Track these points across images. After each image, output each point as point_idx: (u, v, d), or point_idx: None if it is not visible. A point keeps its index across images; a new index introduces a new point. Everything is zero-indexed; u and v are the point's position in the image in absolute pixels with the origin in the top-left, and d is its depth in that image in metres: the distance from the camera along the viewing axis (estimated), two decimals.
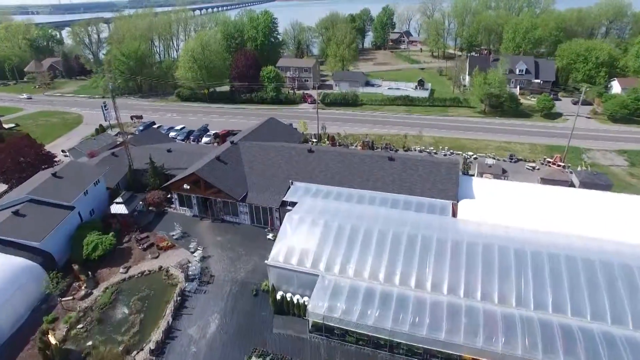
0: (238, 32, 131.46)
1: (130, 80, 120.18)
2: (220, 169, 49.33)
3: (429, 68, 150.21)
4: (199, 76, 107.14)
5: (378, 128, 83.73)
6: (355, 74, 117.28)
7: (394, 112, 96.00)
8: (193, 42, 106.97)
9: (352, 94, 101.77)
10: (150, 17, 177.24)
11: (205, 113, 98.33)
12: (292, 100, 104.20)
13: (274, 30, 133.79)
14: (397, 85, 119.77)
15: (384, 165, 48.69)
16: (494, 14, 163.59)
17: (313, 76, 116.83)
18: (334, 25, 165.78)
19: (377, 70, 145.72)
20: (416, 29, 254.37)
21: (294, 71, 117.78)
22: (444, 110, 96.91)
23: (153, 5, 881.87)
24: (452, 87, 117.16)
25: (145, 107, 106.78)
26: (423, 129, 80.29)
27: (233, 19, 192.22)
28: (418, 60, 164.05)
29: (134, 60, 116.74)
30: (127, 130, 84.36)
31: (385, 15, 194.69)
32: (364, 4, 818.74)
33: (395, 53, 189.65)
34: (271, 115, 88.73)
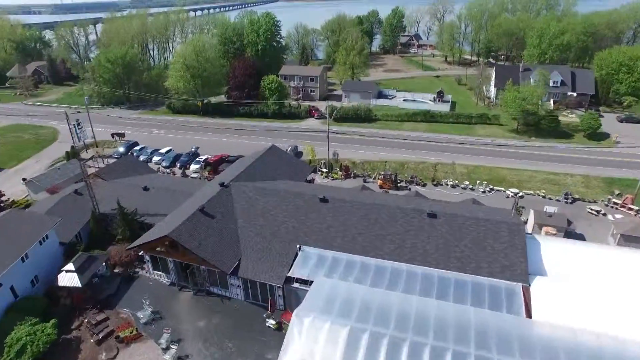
0: (237, 36, 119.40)
1: (116, 89, 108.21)
2: (205, 226, 37.19)
3: (445, 76, 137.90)
4: (191, 86, 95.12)
5: (398, 152, 71.41)
6: (367, 84, 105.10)
7: (413, 130, 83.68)
8: (185, 47, 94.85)
9: (365, 109, 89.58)
10: (143, 18, 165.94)
11: (198, 130, 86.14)
12: (297, 114, 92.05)
13: (277, 33, 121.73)
14: (413, 97, 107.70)
15: (422, 223, 36.50)
16: (514, 17, 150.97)
17: (320, 86, 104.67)
18: (341, 28, 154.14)
19: (389, 78, 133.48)
20: (425, 31, 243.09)
21: (299, 80, 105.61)
22: (471, 128, 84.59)
23: (155, 6, 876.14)
24: (476, 99, 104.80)
25: (132, 121, 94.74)
26: (454, 159, 68.01)
27: (232, 20, 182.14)
28: (432, 66, 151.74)
29: (121, 66, 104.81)
30: (105, 152, 72.45)
31: (395, 18, 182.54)
32: (368, 5, 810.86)
33: (406, 58, 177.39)
34: (273, 132, 76.94)
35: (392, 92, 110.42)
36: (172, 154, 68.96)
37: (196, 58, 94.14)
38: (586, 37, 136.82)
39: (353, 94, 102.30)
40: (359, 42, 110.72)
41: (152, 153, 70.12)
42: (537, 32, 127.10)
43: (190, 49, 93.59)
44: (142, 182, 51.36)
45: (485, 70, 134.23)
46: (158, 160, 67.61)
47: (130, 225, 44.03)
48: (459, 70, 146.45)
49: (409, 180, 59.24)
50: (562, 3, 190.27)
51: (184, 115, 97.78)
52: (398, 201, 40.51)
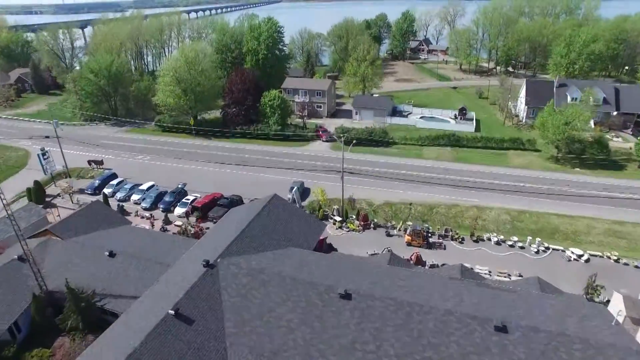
0: (236, 44, 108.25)
1: (101, 103, 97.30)
2: (180, 341, 26.10)
3: (463, 87, 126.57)
4: (182, 102, 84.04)
5: (422, 189, 60.14)
6: (381, 99, 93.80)
7: (437, 158, 72.38)
8: (176, 58, 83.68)
9: (380, 131, 78.39)
10: (139, 19, 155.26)
11: (188, 157, 74.87)
12: (302, 135, 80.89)
13: (279, 40, 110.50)
14: (432, 113, 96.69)
15: (488, 342, 25.30)
16: (535, 23, 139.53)
17: (328, 101, 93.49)
18: (348, 34, 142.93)
19: (402, 89, 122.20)
20: (434, 35, 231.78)
21: (304, 95, 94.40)
22: (503, 156, 73.35)
23: (157, 6, 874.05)
24: (502, 117, 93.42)
25: (115, 141, 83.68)
26: (490, 199, 56.80)
27: (232, 25, 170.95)
28: (447, 76, 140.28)
29: (106, 78, 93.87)
30: (77, 186, 61.41)
31: (405, 22, 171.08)
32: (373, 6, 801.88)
33: (417, 66, 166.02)
34: (274, 160, 65.77)
35: (408, 107, 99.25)
36: (155, 191, 57.85)
37: (188, 70, 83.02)
38: (617, 45, 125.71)
39: (365, 110, 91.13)
40: (371, 52, 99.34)
41: (131, 189, 59.07)
42: (564, 40, 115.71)
43: (181, 60, 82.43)
44: (110, 241, 40.54)
45: (507, 80, 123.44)
46: (138, 199, 56.53)
47: (85, 312, 33.07)
48: (476, 80, 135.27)
49: (442, 233, 47.99)
50: (582, 7, 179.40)
51: (174, 135, 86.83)
52: (445, 292, 29.30)
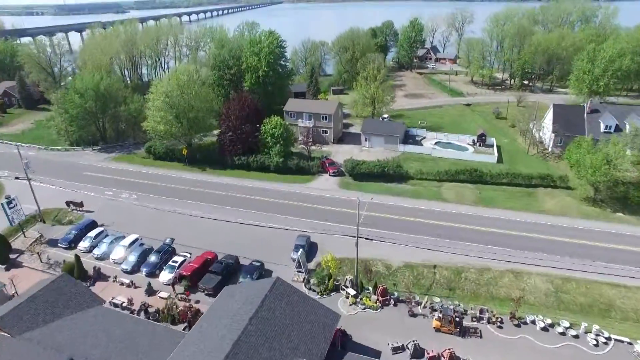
0: (234, 60, 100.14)
1: (88, 126, 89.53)
2: None
3: (477, 104, 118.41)
4: (174, 130, 76.09)
5: (446, 244, 52.09)
6: (393, 125, 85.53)
7: (458, 200, 64.16)
8: (166, 81, 75.52)
9: (394, 165, 70.29)
10: (132, 29, 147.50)
11: (180, 195, 66.82)
12: (307, 168, 72.82)
13: (281, 56, 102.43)
14: (448, 138, 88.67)
15: None
16: (553, 34, 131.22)
17: (334, 126, 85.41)
18: (354, 44, 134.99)
19: (412, 107, 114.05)
20: (441, 42, 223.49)
21: (308, 118, 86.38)
22: (532, 196, 65.27)
23: (159, 7, 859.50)
24: (526, 144, 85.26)
25: (101, 172, 75.76)
26: (525, 257, 48.78)
27: (232, 33, 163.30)
28: (459, 90, 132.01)
29: (93, 100, 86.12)
30: (48, 237, 53.53)
31: (413, 31, 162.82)
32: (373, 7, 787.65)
33: (427, 77, 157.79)
34: (274, 201, 57.51)
35: (421, 131, 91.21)
36: (138, 249, 49.89)
37: (181, 94, 75.04)
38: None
39: (375, 137, 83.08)
40: (382, 71, 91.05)
41: (111, 244, 51.10)
42: (587, 54, 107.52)
43: (173, 83, 74.37)
44: (73, 337, 32.74)
45: (523, 96, 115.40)
46: (118, 259, 48.57)
47: None
48: (490, 96, 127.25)
49: (476, 315, 39.94)
50: (599, 14, 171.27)
51: (166, 165, 79.04)
52: None
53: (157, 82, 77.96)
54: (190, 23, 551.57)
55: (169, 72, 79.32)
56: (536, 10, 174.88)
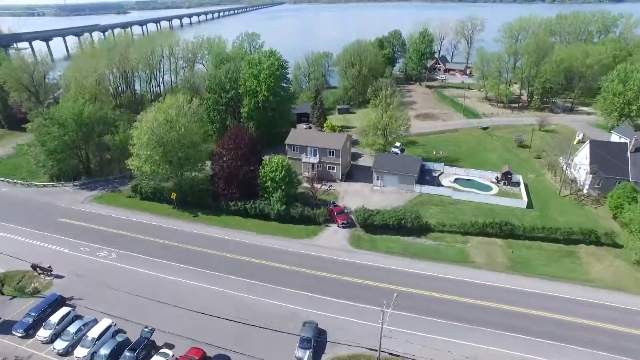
0: (231, 83, 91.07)
1: (69, 159, 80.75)
2: None
3: (495, 127, 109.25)
4: (161, 170, 67.12)
5: (479, 336, 43.08)
6: (407, 161, 76.10)
7: (488, 265, 55.01)
8: (152, 115, 66.30)
9: (413, 216, 61.14)
10: (124, 42, 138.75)
11: (165, 254, 57.89)
12: (312, 217, 63.78)
13: (283, 78, 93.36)
14: (468, 174, 79.73)
15: None
16: (576, 49, 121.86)
17: (342, 161, 76.34)
18: (361, 60, 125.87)
19: (426, 131, 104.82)
20: (449, 50, 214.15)
21: (313, 153, 77.36)
22: (574, 259, 56.14)
23: (160, 7, 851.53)
24: (558, 183, 76.07)
25: (78, 220, 66.85)
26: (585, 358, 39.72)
27: (231, 44, 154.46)
28: (474, 109, 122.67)
29: (74, 130, 77.37)
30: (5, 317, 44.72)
31: (423, 42, 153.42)
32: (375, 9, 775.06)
33: (437, 92, 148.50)
34: (275, 266, 48.52)
35: (439, 165, 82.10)
36: (111, 342, 40.95)
37: (170, 130, 65.99)
38: None
39: (388, 176, 74.03)
40: (396, 99, 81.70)
41: (78, 332, 42.22)
42: (618, 75, 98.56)
43: (160, 118, 65.30)
44: None
45: (546, 120, 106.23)
46: (83, 357, 39.66)
47: None
48: (509, 117, 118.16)
49: None
50: (620, 24, 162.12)
51: (153, 208, 70.33)
52: None
53: (142, 114, 68.77)
54: (191, 25, 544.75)
55: (154, 106, 69.37)
56: (552, 20, 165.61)
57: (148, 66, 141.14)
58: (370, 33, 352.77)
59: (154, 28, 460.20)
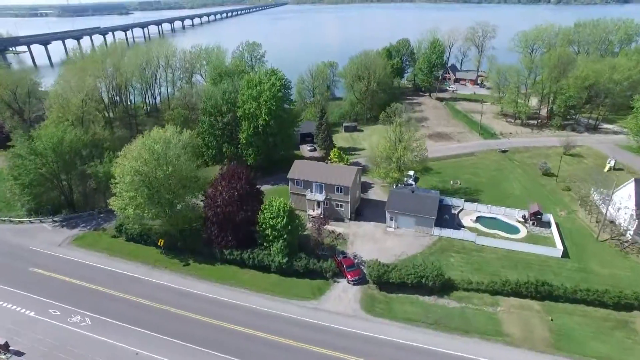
0: (229, 105, 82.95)
1: (49, 191, 73.00)
2: None
3: (516, 150, 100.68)
4: (147, 213, 59.03)
5: None
6: (425, 200, 67.35)
7: (525, 343, 46.51)
8: (136, 153, 58.05)
9: (434, 271, 52.82)
10: (118, 52, 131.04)
11: (147, 321, 49.92)
12: (318, 270, 55.63)
13: (286, 99, 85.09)
14: (491, 211, 71.53)
15: None
16: (603, 64, 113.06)
17: (352, 199, 68.04)
18: (370, 73, 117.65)
19: (440, 156, 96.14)
20: (458, 57, 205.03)
21: (319, 190, 69.12)
22: (625, 327, 47.80)
23: (163, 8, 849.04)
24: (592, 223, 67.64)
25: (53, 271, 58.93)
26: None
27: (230, 54, 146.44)
28: (490, 128, 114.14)
29: (53, 161, 69.60)
30: None
31: (434, 52, 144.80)
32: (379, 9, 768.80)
33: (449, 106, 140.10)
34: (274, 334, 40.63)
35: (458, 202, 73.76)
36: None
37: (156, 167, 57.87)
38: None
39: (404, 217, 65.75)
40: (412, 131, 72.91)
41: None
42: None
43: (145, 155, 57.16)
44: None
45: (571, 142, 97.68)
46: None
47: None
48: (528, 137, 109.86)
49: None
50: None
51: (139, 253, 62.43)
52: None
53: (125, 149, 60.53)
54: (193, 27, 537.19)
55: (138, 140, 61.01)
56: (571, 29, 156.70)
57: (143, 78, 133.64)
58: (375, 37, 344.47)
59: (155, 30, 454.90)
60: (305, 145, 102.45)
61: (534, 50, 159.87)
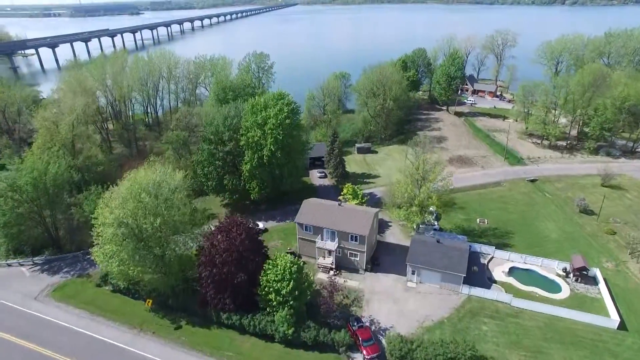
0: (230, 132, 74.82)
1: (30, 229, 65.73)
2: None
3: (546, 179, 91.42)
4: (132, 271, 51.07)
5: None
6: (451, 252, 58.36)
7: None
8: (120, 199, 49.99)
9: (468, 353, 44.13)
10: (119, 63, 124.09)
11: None
12: (329, 342, 47.31)
13: (294, 125, 76.61)
14: (526, 261, 62.63)
15: None
16: None
17: (367, 248, 59.56)
18: (385, 89, 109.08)
19: (462, 185, 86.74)
20: (475, 66, 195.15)
21: (331, 237, 60.72)
22: None
23: (174, 8, 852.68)
24: None
25: (20, 337, 51.44)
26: None
27: (237, 65, 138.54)
28: (515, 152, 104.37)
29: (30, 200, 62.24)
30: None
31: (453, 65, 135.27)
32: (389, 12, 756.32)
33: (468, 122, 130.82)
34: None
35: (488, 249, 64.84)
36: None
37: (144, 217, 49.93)
38: None
39: (428, 271, 57.13)
40: (438, 169, 63.86)
41: None
42: None
43: (130, 207, 49.20)
44: None
45: (610, 174, 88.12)
46: None
47: None
48: (558, 162, 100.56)
49: None
50: None
51: (126, 310, 54.77)
52: None
53: (108, 195, 52.65)
54: (203, 29, 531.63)
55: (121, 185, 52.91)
56: (600, 40, 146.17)
57: (144, 91, 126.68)
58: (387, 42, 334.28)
59: (164, 32, 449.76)
60: (315, 171, 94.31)
61: (559, 63, 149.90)
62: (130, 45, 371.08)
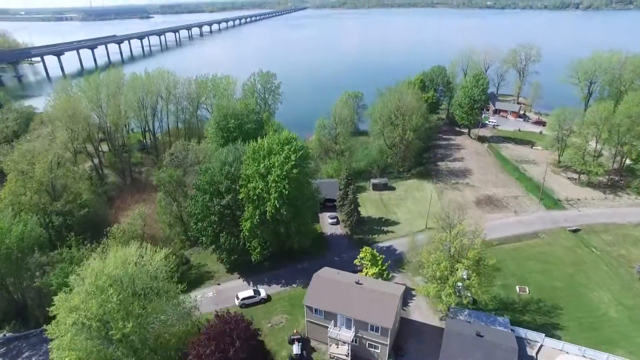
0: (229, 181, 64.16)
1: None
2: None
3: (590, 229, 79.71)
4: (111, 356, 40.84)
5: None
6: (496, 351, 47.33)
7: None
8: (84, 291, 39.52)
9: None
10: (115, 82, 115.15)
11: None
12: None
13: (305, 175, 65.72)
14: (585, 355, 50.84)
15: None
16: None
17: (390, 340, 48.45)
18: (406, 121, 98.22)
19: (492, 235, 74.29)
20: (494, 81, 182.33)
21: (347, 325, 49.69)
22: None
23: (183, 11, 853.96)
24: None
25: None
26: None
27: (240, 85, 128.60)
28: (553, 196, 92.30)
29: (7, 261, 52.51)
30: None
31: (477, 87, 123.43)
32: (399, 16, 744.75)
33: (494, 151, 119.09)
34: None
35: (536, 335, 53.42)
36: None
37: (116, 313, 39.46)
38: None
39: None
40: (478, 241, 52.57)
41: None
42: None
43: (93, 306, 38.58)
44: None
45: None
46: None
47: None
48: (601, 206, 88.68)
49: None
50: None
51: None
52: None
53: (73, 282, 42.33)
54: (212, 34, 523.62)
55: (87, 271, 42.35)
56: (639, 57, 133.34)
57: (141, 114, 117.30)
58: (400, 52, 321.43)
59: (172, 38, 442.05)
60: (326, 215, 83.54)
61: (592, 84, 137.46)
62: (137, 51, 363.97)
